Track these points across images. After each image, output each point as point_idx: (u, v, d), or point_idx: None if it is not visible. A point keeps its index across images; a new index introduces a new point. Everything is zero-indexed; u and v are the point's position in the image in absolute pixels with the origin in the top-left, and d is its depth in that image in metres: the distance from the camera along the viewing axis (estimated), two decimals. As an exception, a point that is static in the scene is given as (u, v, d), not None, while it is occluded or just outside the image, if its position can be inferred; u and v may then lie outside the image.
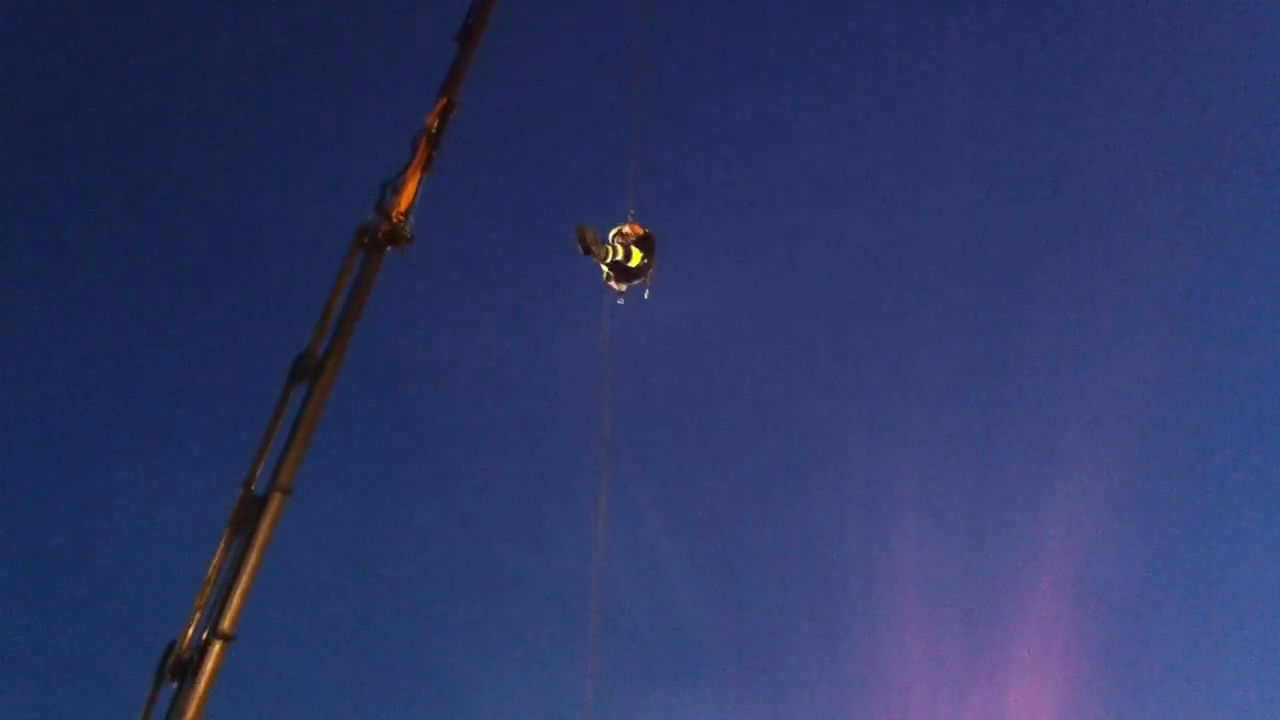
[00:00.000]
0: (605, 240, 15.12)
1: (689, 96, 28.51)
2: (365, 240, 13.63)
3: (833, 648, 26.71)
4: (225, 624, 11.33)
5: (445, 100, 14.88)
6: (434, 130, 14.62)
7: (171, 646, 11.37)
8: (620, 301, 15.23)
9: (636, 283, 15.18)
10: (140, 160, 28.21)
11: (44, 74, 27.38)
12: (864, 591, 26.86)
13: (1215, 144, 28.54)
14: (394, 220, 13.80)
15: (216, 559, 11.80)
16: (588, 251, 14.84)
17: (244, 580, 11.53)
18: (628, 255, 15.02)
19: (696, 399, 28.03)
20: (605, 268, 15.06)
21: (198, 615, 11.55)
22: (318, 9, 29.31)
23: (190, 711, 11.00)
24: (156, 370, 27.17)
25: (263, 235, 28.19)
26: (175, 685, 11.25)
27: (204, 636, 11.36)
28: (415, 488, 27.54)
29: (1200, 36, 29.05)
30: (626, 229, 15.24)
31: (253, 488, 12.15)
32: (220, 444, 24.57)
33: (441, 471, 27.72)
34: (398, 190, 14.06)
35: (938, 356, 28.16)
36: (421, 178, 14.31)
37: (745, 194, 29.82)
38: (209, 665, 11.17)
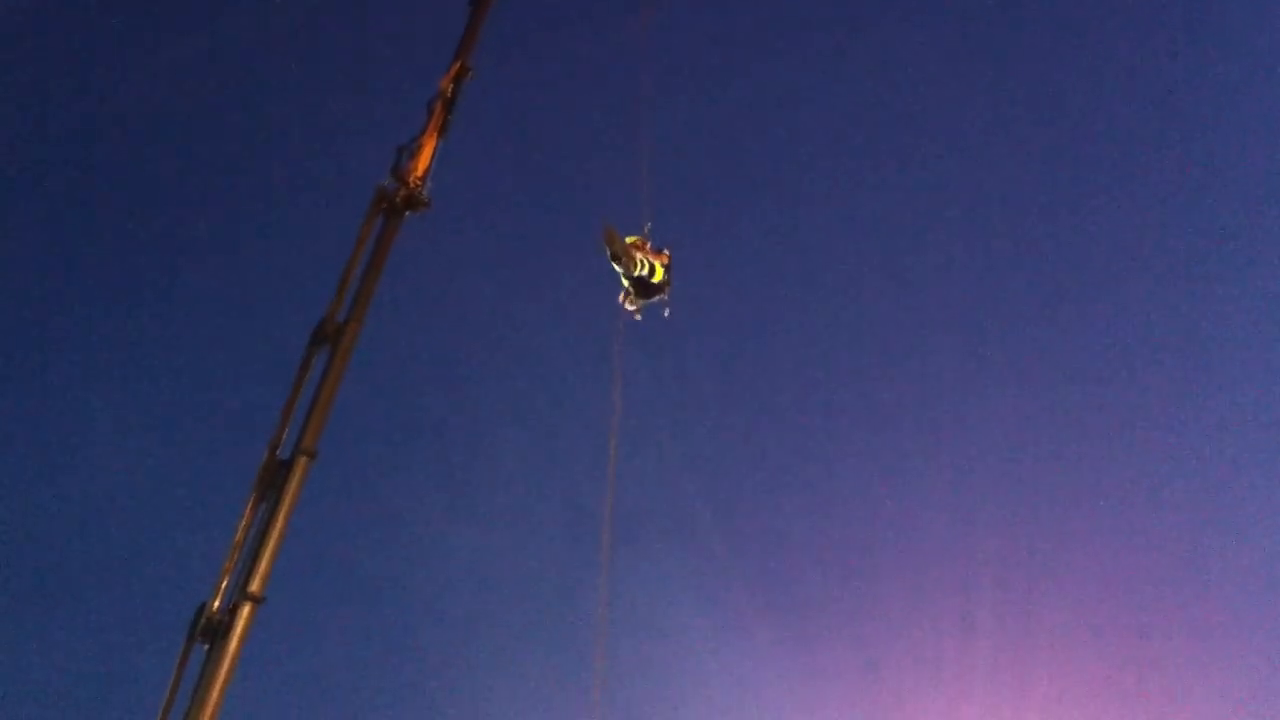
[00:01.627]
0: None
1: (697, 95, 28.51)
2: (383, 205, 13.73)
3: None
4: (254, 586, 11.44)
5: (459, 64, 14.94)
6: (448, 95, 14.68)
7: (202, 609, 11.50)
8: (637, 317, 14.90)
9: (654, 300, 14.81)
10: (156, 132, 28.27)
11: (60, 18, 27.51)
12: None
13: (1216, 143, 28.55)
14: (410, 185, 13.88)
15: (244, 522, 11.91)
16: (614, 258, 14.45)
17: (271, 543, 11.64)
18: (651, 271, 14.62)
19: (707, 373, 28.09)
20: (625, 282, 14.69)
21: (226, 578, 11.69)
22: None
23: (222, 672, 11.14)
24: (180, 336, 27.34)
25: (282, 200, 28.26)
26: (206, 647, 11.40)
27: (233, 599, 11.50)
28: (424, 452, 27.70)
29: (1200, 36, 28.98)
30: (641, 246, 14.81)
31: (278, 452, 12.26)
32: (244, 409, 24.78)
33: (452, 433, 27.87)
34: (413, 155, 14.14)
35: (946, 356, 28.24)
36: (437, 143, 14.37)
37: (757, 190, 29.81)
38: (239, 627, 11.27)
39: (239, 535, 11.87)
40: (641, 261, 14.53)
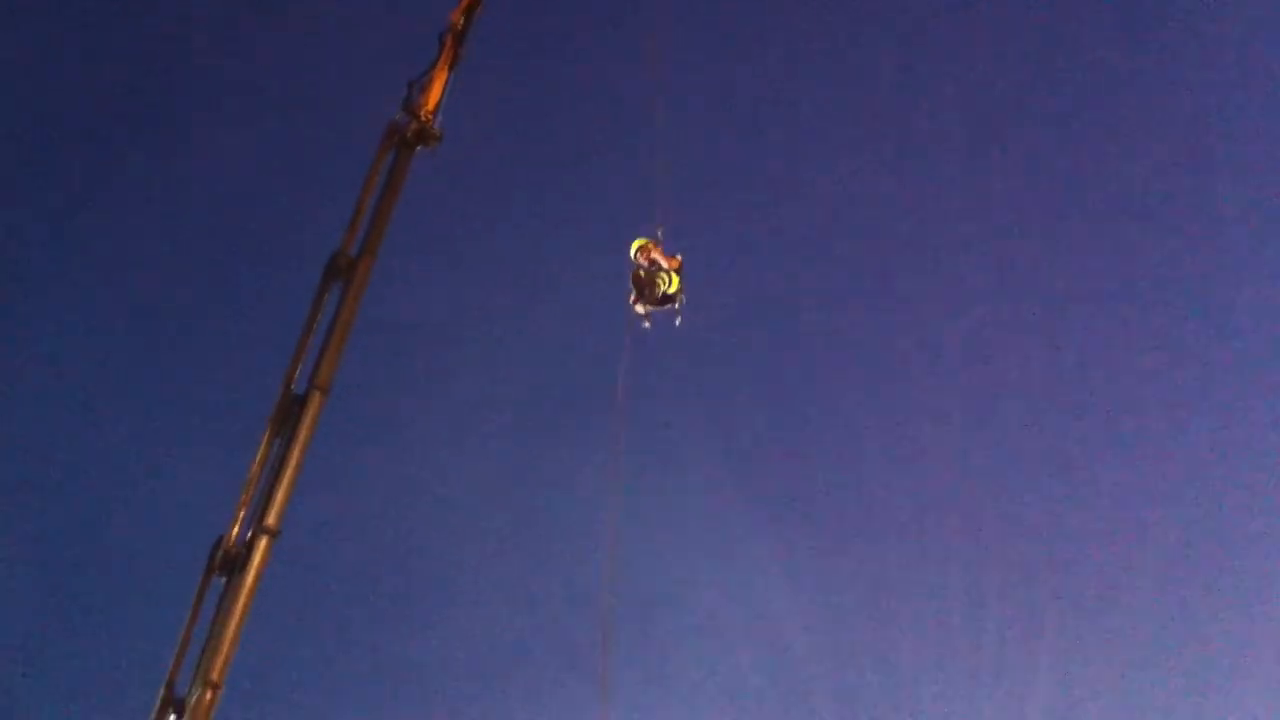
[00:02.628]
0: (635, 262, 14.50)
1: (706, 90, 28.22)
2: (394, 140, 13.66)
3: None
4: (270, 520, 11.59)
5: (470, -4, 14.75)
6: (459, 27, 14.50)
7: (219, 542, 11.65)
8: (646, 325, 14.64)
9: (666, 308, 14.58)
10: (171, 64, 28.09)
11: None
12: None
13: (1215, 143, 28.35)
14: (421, 119, 13.80)
15: (259, 457, 12.00)
16: (641, 295, 14.35)
17: (287, 477, 11.77)
18: (668, 283, 14.45)
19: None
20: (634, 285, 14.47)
21: (243, 512, 11.80)
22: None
23: (239, 604, 11.30)
24: (192, 274, 27.40)
25: (293, 134, 28.12)
26: (224, 580, 11.57)
27: (250, 532, 11.64)
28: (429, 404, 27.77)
29: (1200, 36, 28.68)
30: (654, 248, 14.59)
31: (292, 387, 12.30)
32: (259, 346, 24.86)
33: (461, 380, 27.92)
34: (425, 89, 14.02)
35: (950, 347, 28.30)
36: (448, 76, 14.25)
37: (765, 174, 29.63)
38: (256, 560, 11.44)
39: (254, 470, 11.96)
40: (662, 278, 14.42)
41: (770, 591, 26.17)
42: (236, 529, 11.72)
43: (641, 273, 14.47)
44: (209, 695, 10.91)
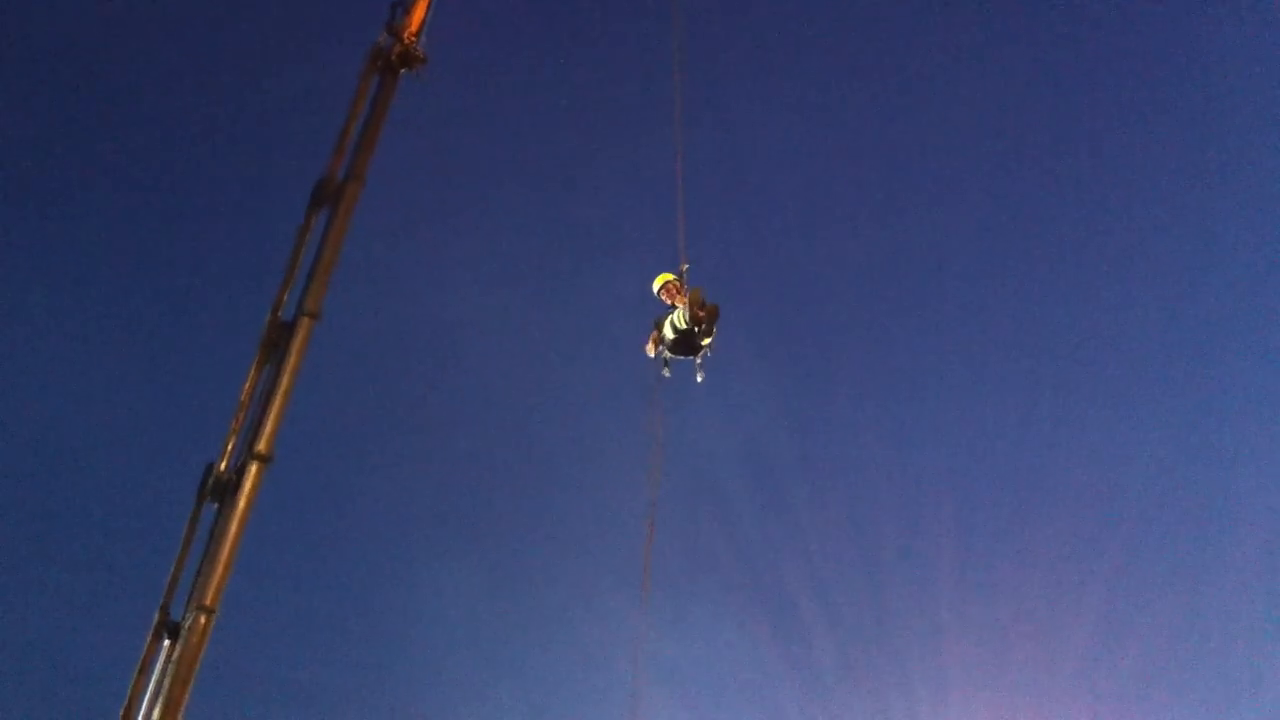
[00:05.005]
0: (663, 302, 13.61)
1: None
2: (379, 64, 13.43)
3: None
4: (261, 445, 11.51)
5: (452, -87, 14.43)
6: (442, -55, 14.21)
7: (210, 468, 11.62)
8: (666, 373, 13.90)
9: (691, 358, 13.82)
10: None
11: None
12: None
13: (1215, 144, 28.24)
14: (405, 41, 13.55)
15: (249, 384, 11.94)
16: (697, 323, 13.30)
17: (277, 402, 11.66)
18: (699, 332, 13.45)
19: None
20: (669, 331, 13.61)
21: (233, 439, 11.77)
22: None
23: (232, 529, 11.26)
24: (180, 205, 27.25)
25: (276, 61, 27.82)
26: (216, 506, 11.53)
27: (241, 458, 11.60)
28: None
29: (1200, 36, 28.43)
30: (679, 289, 13.80)
31: (280, 313, 12.22)
32: (247, 272, 24.82)
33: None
34: (408, 10, 13.76)
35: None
36: (431, -4, 14.00)
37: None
38: (248, 485, 11.36)
39: (244, 395, 11.90)
40: (709, 332, 13.49)
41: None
42: (228, 455, 11.70)
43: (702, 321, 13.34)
44: (203, 620, 10.91)
